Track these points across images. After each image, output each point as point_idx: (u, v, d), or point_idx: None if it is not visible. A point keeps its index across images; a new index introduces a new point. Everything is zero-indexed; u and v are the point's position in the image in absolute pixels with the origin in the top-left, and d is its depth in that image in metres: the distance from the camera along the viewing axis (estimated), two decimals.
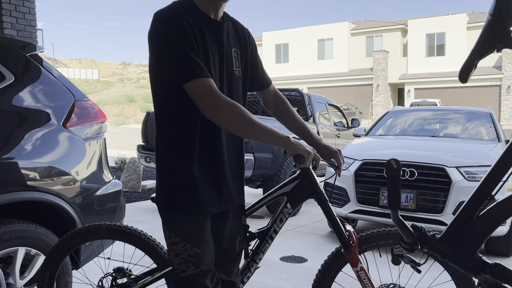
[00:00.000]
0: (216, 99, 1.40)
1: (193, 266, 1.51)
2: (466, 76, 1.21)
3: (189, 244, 1.51)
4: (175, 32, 1.40)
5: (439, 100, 23.08)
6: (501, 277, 1.19)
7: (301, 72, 31.97)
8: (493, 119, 5.16)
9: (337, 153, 1.80)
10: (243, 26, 1.70)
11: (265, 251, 1.84)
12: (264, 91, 1.83)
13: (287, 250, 4.11)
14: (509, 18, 1.13)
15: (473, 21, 27.48)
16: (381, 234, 1.85)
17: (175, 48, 1.40)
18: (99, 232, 1.93)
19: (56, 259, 1.97)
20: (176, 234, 1.52)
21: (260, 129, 1.45)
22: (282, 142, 1.49)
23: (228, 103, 1.41)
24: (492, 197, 1.23)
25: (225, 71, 1.56)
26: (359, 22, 32.91)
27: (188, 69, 1.40)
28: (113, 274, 1.94)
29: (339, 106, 8.29)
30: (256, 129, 1.44)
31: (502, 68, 25.78)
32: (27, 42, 2.46)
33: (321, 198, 1.77)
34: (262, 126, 1.45)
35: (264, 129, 1.45)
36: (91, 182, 2.45)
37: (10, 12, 6.17)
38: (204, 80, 1.40)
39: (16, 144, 2.10)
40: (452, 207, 3.78)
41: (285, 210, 1.82)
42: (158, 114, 1.54)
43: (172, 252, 1.53)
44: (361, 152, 4.49)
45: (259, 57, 1.78)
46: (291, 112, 1.90)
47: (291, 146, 1.51)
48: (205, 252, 1.53)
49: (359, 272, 1.77)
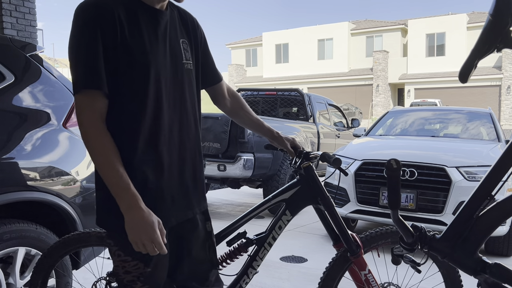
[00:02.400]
0: (84, 122, 1.24)
1: (141, 283, 1.37)
2: (466, 76, 1.21)
3: (142, 263, 1.35)
4: (83, 30, 1.24)
5: (439, 100, 23.07)
6: (501, 277, 1.19)
7: (301, 72, 31.96)
8: (493, 119, 5.16)
9: (294, 140, 1.84)
10: (191, 15, 1.54)
11: (264, 258, 1.80)
12: (215, 86, 1.66)
13: (287, 250, 4.11)
14: (509, 18, 1.13)
15: (473, 21, 27.47)
16: (380, 233, 1.85)
17: (76, 50, 1.25)
18: (88, 240, 1.89)
19: (46, 268, 1.95)
20: (126, 253, 1.33)
21: (113, 177, 1.23)
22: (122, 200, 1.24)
23: (92, 131, 1.24)
24: (492, 197, 1.23)
25: (174, 64, 1.39)
26: (359, 22, 32.91)
27: (78, 76, 1.25)
28: (106, 278, 1.91)
29: (339, 106, 8.29)
30: (108, 173, 1.23)
31: (502, 68, 25.77)
32: (27, 42, 2.46)
33: (328, 203, 1.74)
34: (118, 173, 1.23)
35: (117, 177, 1.23)
36: (91, 182, 2.45)
37: (10, 12, 6.17)
38: (83, 96, 1.24)
39: (16, 144, 2.10)
40: (452, 207, 3.78)
41: (284, 217, 1.79)
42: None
43: (122, 269, 1.36)
44: (361, 152, 4.49)
45: (209, 49, 1.62)
46: (247, 108, 1.78)
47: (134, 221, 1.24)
48: (156, 269, 1.39)
49: (367, 275, 1.74)
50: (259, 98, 7.66)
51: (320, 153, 1.81)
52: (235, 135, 5.29)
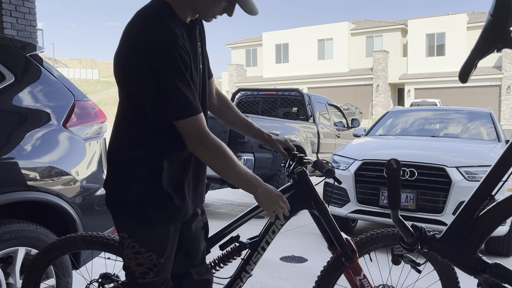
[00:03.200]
0: (205, 140, 1.36)
1: (153, 274, 1.46)
2: (466, 76, 1.21)
3: (156, 254, 1.44)
4: (169, 56, 1.28)
5: (439, 100, 23.06)
6: (501, 277, 1.19)
7: (301, 72, 31.95)
8: (493, 119, 5.16)
9: (286, 141, 1.82)
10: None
11: (257, 262, 1.79)
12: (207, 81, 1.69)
13: (287, 250, 4.11)
14: (509, 18, 1.13)
15: (473, 21, 27.46)
16: (375, 237, 1.83)
17: (167, 79, 1.29)
18: (75, 244, 1.88)
19: (36, 274, 1.94)
20: (141, 244, 1.43)
21: (239, 174, 1.43)
22: (252, 190, 1.48)
23: (215, 145, 1.37)
24: (492, 197, 1.23)
25: (198, 72, 1.47)
26: (359, 22, 32.90)
27: (179, 106, 1.31)
28: (99, 280, 1.90)
29: (339, 106, 8.28)
30: (236, 174, 1.43)
31: (502, 68, 25.76)
32: (27, 42, 2.46)
33: (322, 208, 1.71)
34: (245, 170, 1.44)
35: (243, 174, 1.44)
36: (91, 182, 2.45)
37: (10, 12, 6.17)
38: (195, 119, 1.33)
39: (16, 144, 2.09)
40: (452, 207, 3.78)
41: (278, 222, 1.76)
42: (126, 115, 1.43)
43: (135, 261, 1.44)
44: (361, 152, 4.49)
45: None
46: (234, 108, 1.79)
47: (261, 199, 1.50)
48: (168, 261, 1.49)
49: (362, 281, 1.72)
50: (259, 98, 7.66)
51: (313, 159, 1.76)
52: (235, 135, 5.29)
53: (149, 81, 1.30)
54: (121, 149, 1.44)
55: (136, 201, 1.41)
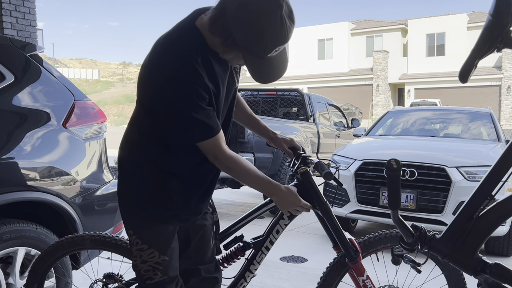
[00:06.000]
0: (220, 156, 1.43)
1: (161, 274, 1.50)
2: (466, 76, 1.21)
3: (157, 251, 1.50)
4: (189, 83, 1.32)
5: (439, 100, 23.06)
6: (501, 277, 1.19)
7: (301, 72, 31.94)
8: (493, 119, 5.16)
9: (292, 140, 1.83)
10: None
11: (261, 261, 1.79)
12: None
13: (287, 250, 4.11)
14: (509, 18, 1.13)
15: (473, 21, 27.46)
16: (379, 238, 1.82)
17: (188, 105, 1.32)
18: (83, 243, 1.89)
19: (41, 272, 1.94)
20: (143, 241, 1.50)
21: (254, 183, 1.52)
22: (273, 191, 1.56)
23: (229, 160, 1.44)
24: (492, 197, 1.23)
25: (228, 92, 1.50)
26: (359, 22, 32.90)
27: (199, 130, 1.37)
28: (103, 280, 1.91)
29: (339, 106, 8.29)
30: (251, 182, 1.52)
31: (502, 68, 25.77)
32: (27, 42, 2.46)
33: (326, 209, 1.70)
34: (259, 176, 1.51)
35: (257, 181, 1.51)
36: (91, 182, 2.45)
37: (10, 12, 6.17)
38: (211, 140, 1.39)
39: (16, 144, 2.09)
40: (452, 207, 3.78)
41: (282, 222, 1.76)
42: (143, 124, 1.47)
43: (139, 258, 1.51)
44: (361, 152, 4.49)
45: None
46: (241, 102, 1.80)
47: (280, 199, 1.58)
48: (172, 259, 1.52)
49: (365, 281, 1.71)
50: (259, 98, 7.66)
51: (315, 160, 1.76)
52: (235, 135, 5.29)
53: (168, 113, 1.36)
54: (133, 151, 1.51)
55: (138, 198, 1.49)
